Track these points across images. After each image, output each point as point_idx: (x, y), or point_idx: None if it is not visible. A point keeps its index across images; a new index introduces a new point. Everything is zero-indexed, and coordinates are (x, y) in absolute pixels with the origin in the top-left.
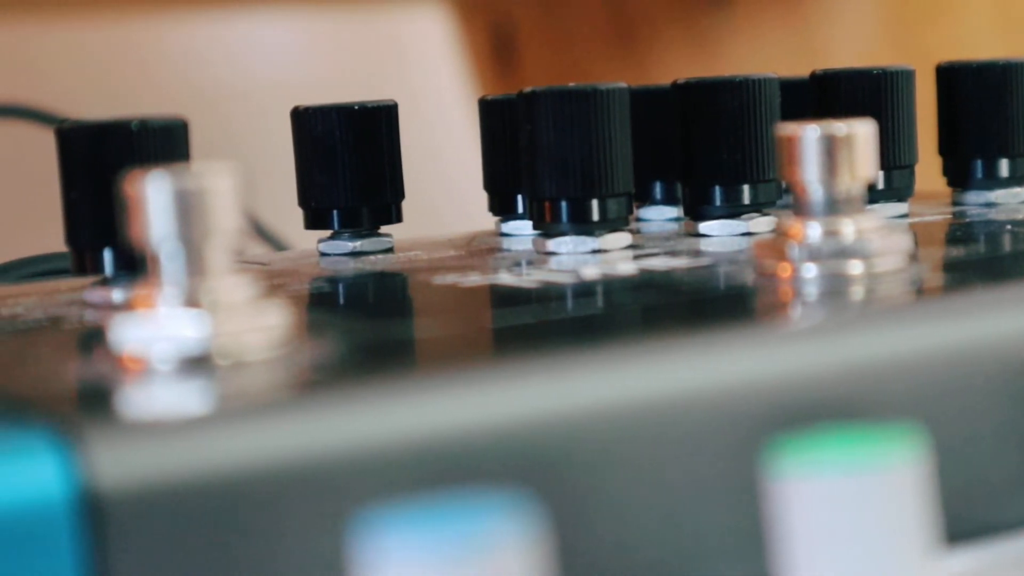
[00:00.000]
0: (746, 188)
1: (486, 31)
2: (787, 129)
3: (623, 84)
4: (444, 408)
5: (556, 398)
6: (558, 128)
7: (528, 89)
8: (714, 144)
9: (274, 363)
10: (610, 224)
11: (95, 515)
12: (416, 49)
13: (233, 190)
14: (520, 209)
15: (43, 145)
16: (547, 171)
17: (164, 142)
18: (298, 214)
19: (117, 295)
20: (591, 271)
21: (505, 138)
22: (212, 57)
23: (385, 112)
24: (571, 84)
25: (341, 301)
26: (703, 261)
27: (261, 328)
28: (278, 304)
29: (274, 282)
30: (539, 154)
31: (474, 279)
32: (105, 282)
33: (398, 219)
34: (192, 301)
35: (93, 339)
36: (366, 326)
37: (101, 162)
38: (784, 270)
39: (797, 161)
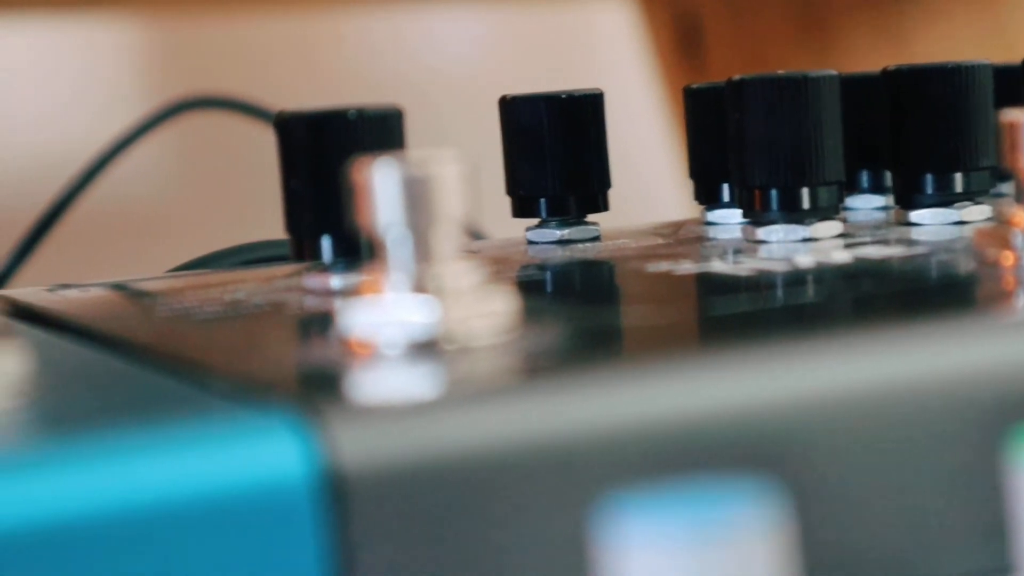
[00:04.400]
0: (959, 176)
1: (672, 22)
2: (1011, 115)
3: (833, 72)
4: (677, 394)
5: (794, 385)
6: (768, 116)
7: (737, 77)
8: (926, 131)
9: (501, 349)
10: (820, 212)
11: (338, 496)
12: (603, 41)
13: (459, 177)
14: (726, 197)
15: (254, 136)
16: (757, 159)
17: (381, 131)
18: (494, 203)
19: (336, 282)
20: (805, 259)
21: (711, 127)
22: (410, 49)
23: (592, 101)
24: (780, 71)
25: (558, 288)
26: (918, 250)
27: (487, 314)
28: (503, 290)
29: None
30: (748, 142)
31: (687, 267)
32: (324, 269)
33: (604, 207)
34: (419, 287)
35: (318, 324)
36: (588, 313)
37: (320, 151)
38: (1007, 258)
39: (1022, 148)
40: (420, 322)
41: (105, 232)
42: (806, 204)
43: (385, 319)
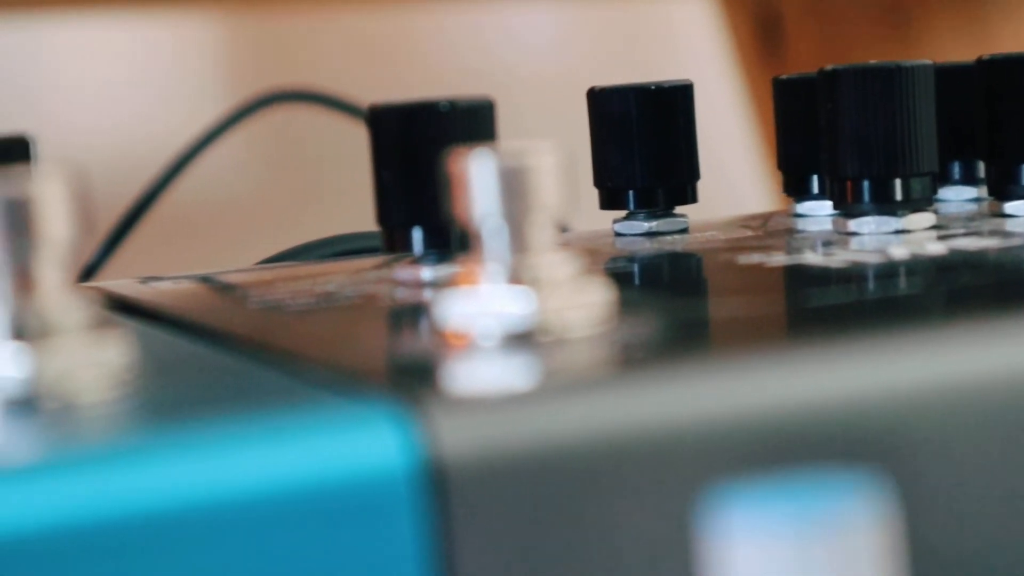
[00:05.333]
0: None
1: (751, 15)
2: None
3: (928, 61)
4: (778, 386)
5: (896, 377)
6: (861, 106)
7: (830, 67)
8: (1021, 122)
9: (596, 340)
10: (913, 204)
11: (438, 488)
12: (682, 34)
13: (556, 168)
14: (815, 189)
15: (337, 129)
16: (849, 150)
17: (473, 122)
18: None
19: (427, 273)
20: (899, 251)
21: (801, 118)
22: (489, 44)
23: (681, 92)
24: (873, 61)
25: (650, 280)
26: (1014, 241)
27: (582, 305)
28: (598, 281)
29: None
30: (840, 133)
31: (779, 259)
32: (415, 260)
33: (693, 199)
34: (515, 278)
35: (412, 316)
36: (682, 304)
37: (412, 143)
38: None
39: None
40: (516, 313)
41: (190, 226)
42: (899, 195)
43: (481, 310)
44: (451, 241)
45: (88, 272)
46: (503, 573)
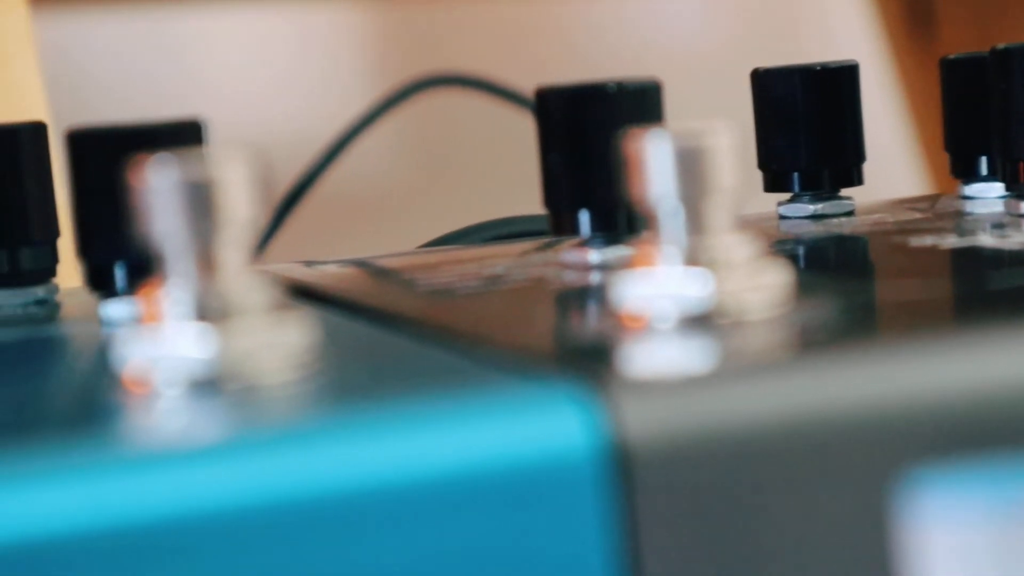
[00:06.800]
0: None
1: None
2: None
3: None
4: (963, 368)
5: None
6: None
7: (1002, 46)
8: None
9: (775, 322)
10: None
11: (623, 471)
12: (832, 16)
13: (731, 148)
14: (984, 171)
15: (489, 114)
16: (1022, 131)
17: (640, 104)
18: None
19: (594, 256)
20: None
21: (969, 99)
22: (635, 26)
23: (847, 72)
24: None
25: (821, 263)
26: None
27: (760, 287)
28: (776, 263)
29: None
30: (1013, 113)
31: (952, 241)
32: (582, 243)
33: (859, 181)
34: (692, 260)
35: (583, 298)
36: (860, 286)
37: (579, 125)
38: None
39: None
40: (693, 295)
41: (341, 212)
42: None
43: (657, 292)
44: (618, 223)
45: None
46: (687, 557)
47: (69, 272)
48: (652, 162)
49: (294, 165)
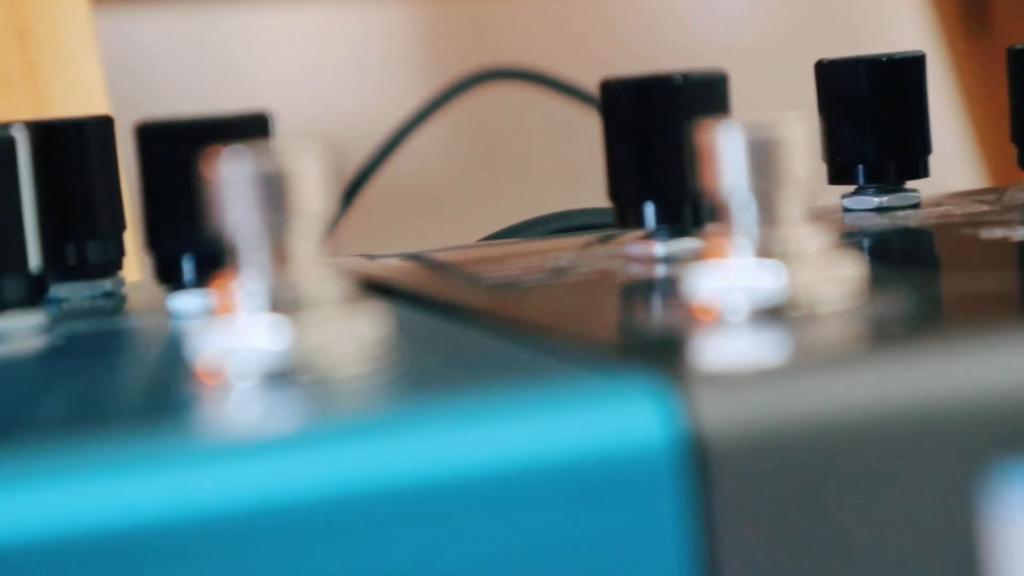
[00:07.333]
0: None
1: None
2: None
3: None
4: None
5: None
6: None
7: None
8: None
9: (848, 314)
10: None
11: (700, 465)
12: (886, 9)
13: (803, 139)
14: None
15: (546, 107)
16: None
17: (707, 95)
18: None
19: (660, 249)
20: None
21: None
22: (688, 15)
23: (914, 63)
24: None
25: (891, 255)
26: None
27: (833, 279)
28: (848, 255)
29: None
30: None
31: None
32: (647, 235)
33: (925, 173)
34: (764, 251)
35: (652, 290)
36: (933, 279)
37: (644, 117)
38: None
39: None
40: (765, 287)
41: (397, 205)
42: None
43: (730, 284)
44: (684, 216)
45: None
46: (764, 551)
47: (129, 265)
48: (725, 153)
49: (351, 160)
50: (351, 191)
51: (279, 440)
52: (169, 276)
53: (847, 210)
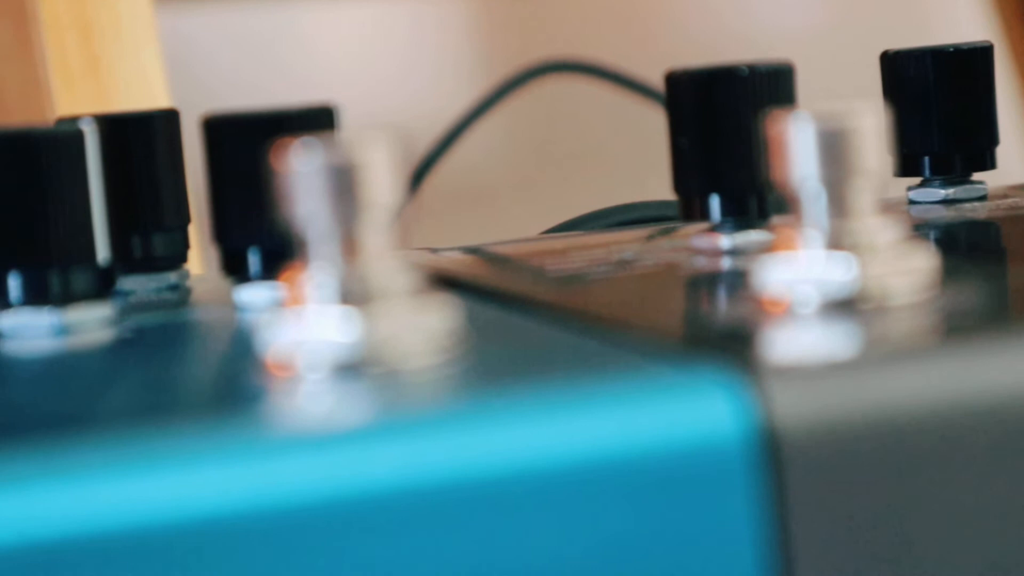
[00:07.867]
0: None
1: None
2: None
3: None
4: None
5: None
6: None
7: None
8: None
9: (920, 307)
10: None
11: (773, 457)
12: (945, 4)
13: (874, 130)
14: None
15: (603, 99)
16: None
17: (773, 87)
18: None
19: (725, 241)
20: None
21: None
22: (749, 7)
23: (981, 54)
24: None
25: (961, 247)
26: None
27: (905, 271)
28: (921, 247)
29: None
30: None
31: None
32: (712, 228)
33: (992, 165)
34: (835, 243)
35: (719, 283)
36: (1004, 272)
37: (710, 109)
38: None
39: None
40: (836, 280)
41: (455, 199)
42: None
43: (800, 276)
44: (749, 208)
45: None
46: (837, 544)
47: (191, 259)
48: (795, 145)
49: (414, 153)
50: (412, 184)
51: (350, 432)
52: (235, 269)
53: (913, 202)
